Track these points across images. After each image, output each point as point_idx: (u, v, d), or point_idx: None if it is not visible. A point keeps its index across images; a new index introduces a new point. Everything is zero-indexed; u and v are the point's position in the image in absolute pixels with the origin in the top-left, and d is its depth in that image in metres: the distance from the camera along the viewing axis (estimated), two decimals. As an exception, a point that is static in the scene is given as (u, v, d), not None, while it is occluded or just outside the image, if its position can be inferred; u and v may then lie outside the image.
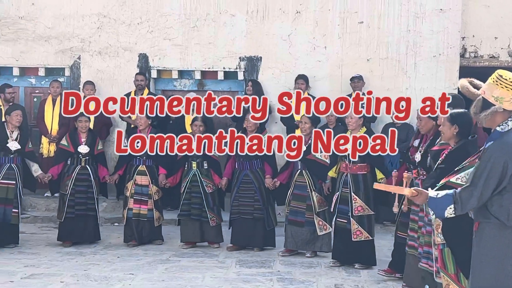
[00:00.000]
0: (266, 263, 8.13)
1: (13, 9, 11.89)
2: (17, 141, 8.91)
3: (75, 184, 9.08)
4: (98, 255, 8.54)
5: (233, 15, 11.66)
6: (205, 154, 8.82)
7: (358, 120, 7.90)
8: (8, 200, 8.80)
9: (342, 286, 7.14)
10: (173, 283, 7.13)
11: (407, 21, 11.36)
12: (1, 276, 7.33)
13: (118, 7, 11.78)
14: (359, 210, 7.69)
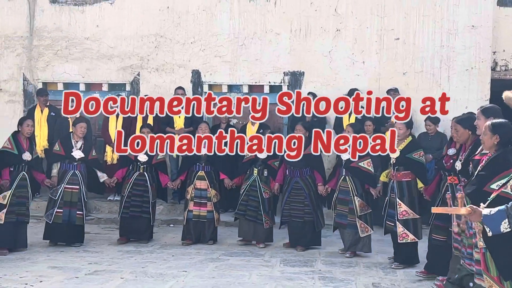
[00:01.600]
0: (308, 263, 8.03)
1: (79, 31, 12.09)
2: (81, 150, 9.03)
3: (132, 188, 9.18)
4: (154, 254, 8.55)
5: (278, 34, 11.64)
6: (266, 163, 8.86)
7: (406, 130, 7.89)
8: (73, 203, 8.89)
9: (380, 284, 7.01)
10: (222, 280, 7.09)
11: (440, 37, 11.21)
12: (67, 272, 7.38)
13: (174, 28, 11.88)
14: (403, 214, 7.59)
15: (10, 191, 8.35)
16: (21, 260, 8.03)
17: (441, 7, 11.20)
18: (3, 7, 12.22)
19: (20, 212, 8.53)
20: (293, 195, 8.77)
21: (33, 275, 7.23)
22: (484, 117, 5.85)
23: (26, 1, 12.17)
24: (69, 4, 12.10)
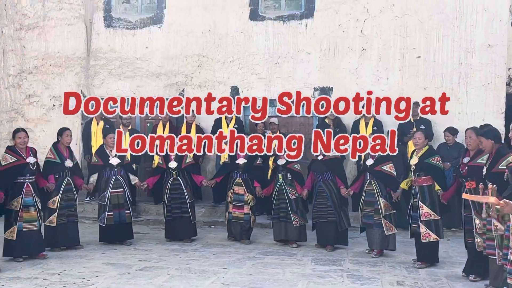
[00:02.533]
0: (337, 262, 7.99)
1: (131, 52, 12.23)
2: (117, 157, 9.14)
3: (170, 192, 9.32)
4: (197, 252, 8.59)
5: (308, 53, 11.63)
6: (288, 168, 8.86)
7: (424, 140, 7.89)
8: (120, 204, 9.03)
9: (403, 283, 6.94)
10: (259, 276, 7.10)
11: (459, 55, 11.09)
12: (120, 268, 7.48)
13: (215, 49, 11.95)
14: (426, 215, 7.60)
15: (58, 196, 8.49)
16: (79, 257, 8.15)
17: (459, 28, 11.09)
18: (64, 31, 12.43)
19: (70, 213, 8.70)
20: (318, 198, 8.80)
21: (90, 271, 7.35)
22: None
23: (83, 26, 12.37)
24: (121, 28, 12.27)
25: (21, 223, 7.81)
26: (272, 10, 11.96)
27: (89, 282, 6.78)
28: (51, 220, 8.43)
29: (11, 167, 7.81)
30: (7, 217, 7.85)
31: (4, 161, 7.86)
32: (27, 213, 7.86)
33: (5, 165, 7.82)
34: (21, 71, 12.58)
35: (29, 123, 12.48)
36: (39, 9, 12.49)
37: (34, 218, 7.94)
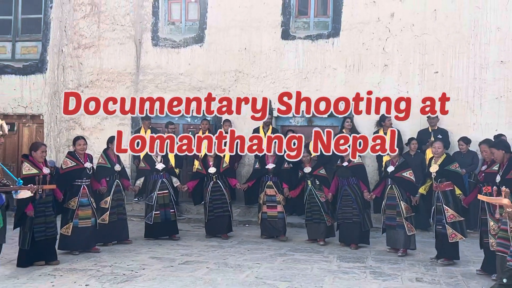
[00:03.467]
0: (361, 259, 7.91)
1: (175, 68, 12.32)
2: (162, 162, 9.25)
3: (211, 194, 9.40)
4: (233, 248, 8.60)
5: (335, 69, 11.58)
6: (314, 174, 8.83)
7: (443, 149, 7.87)
8: (166, 204, 9.16)
9: (422, 279, 6.85)
10: (289, 271, 7.07)
11: (474, 71, 10.92)
12: (164, 262, 7.55)
13: (250, 65, 11.98)
14: (451, 217, 7.56)
15: (109, 197, 8.63)
16: (128, 252, 8.25)
17: (474, 46, 10.92)
18: (116, 49, 12.62)
19: (119, 212, 8.85)
20: (343, 201, 8.75)
21: (137, 264, 7.43)
22: None
23: (134, 45, 12.55)
24: (167, 47, 12.40)
25: (76, 220, 7.94)
26: (302, 30, 11.97)
27: (137, 274, 6.85)
28: (103, 218, 8.57)
29: (71, 170, 7.98)
30: (64, 215, 8.00)
31: (65, 165, 8.04)
32: (82, 212, 8.00)
33: (66, 168, 8.00)
34: (78, 85, 12.80)
35: (85, 131, 12.68)
36: (94, 30, 12.72)
37: (89, 216, 8.07)
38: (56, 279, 6.62)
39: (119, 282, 6.46)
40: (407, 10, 11.21)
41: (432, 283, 6.65)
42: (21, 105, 13.09)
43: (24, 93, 13.09)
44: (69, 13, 12.86)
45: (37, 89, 13.00)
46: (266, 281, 6.55)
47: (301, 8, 12.10)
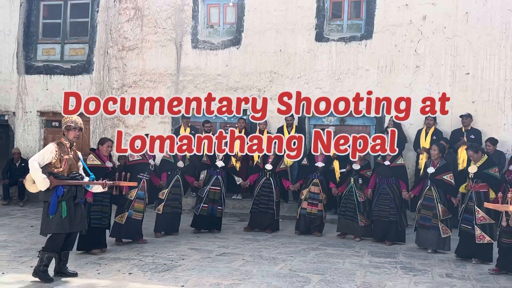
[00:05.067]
0: (392, 255, 7.82)
1: (213, 69, 12.36)
2: (222, 160, 9.32)
3: (261, 189, 9.38)
4: (268, 242, 8.61)
5: (367, 70, 11.47)
6: (359, 172, 8.73)
7: (477, 154, 7.52)
8: (215, 200, 9.20)
9: (452, 275, 6.74)
10: (321, 265, 7.05)
11: (504, 72, 10.68)
12: (202, 253, 7.62)
13: (284, 66, 11.97)
14: (481, 219, 7.32)
15: (167, 189, 8.77)
16: (168, 243, 8.35)
17: (505, 48, 10.67)
18: (158, 51, 12.77)
19: (174, 205, 8.94)
20: (381, 199, 8.61)
21: (177, 254, 7.51)
22: None
23: (174, 47, 12.68)
24: (206, 49, 12.48)
25: (131, 211, 8.08)
26: (335, 33, 11.89)
27: (177, 264, 6.93)
28: (158, 209, 8.76)
29: (137, 163, 8.17)
30: (121, 204, 8.10)
31: (131, 158, 8.22)
32: (138, 204, 8.15)
33: (132, 161, 8.18)
34: (122, 85, 13.03)
35: (128, 128, 12.90)
36: (138, 33, 12.91)
37: (141, 209, 8.21)
38: (101, 267, 6.75)
39: (160, 271, 6.55)
40: (439, 12, 11.01)
41: (461, 279, 6.53)
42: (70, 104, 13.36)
43: (72, 92, 13.38)
44: (114, 17, 13.08)
45: (84, 88, 13.25)
46: (299, 274, 6.54)
47: (334, 11, 12.02)
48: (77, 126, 6.19)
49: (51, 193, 5.98)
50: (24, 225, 9.75)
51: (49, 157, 6.01)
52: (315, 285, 6.05)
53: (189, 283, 6.05)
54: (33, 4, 13.86)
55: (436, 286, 6.19)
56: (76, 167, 6.25)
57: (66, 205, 6.03)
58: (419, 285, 6.20)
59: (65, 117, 6.35)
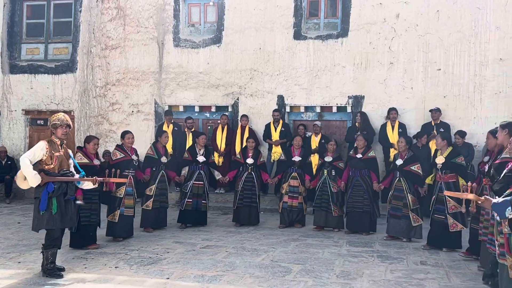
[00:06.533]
0: (369, 244, 7.91)
1: (195, 67, 12.35)
2: (203, 155, 9.27)
3: (244, 184, 9.34)
4: (250, 234, 8.63)
5: (343, 67, 11.53)
6: (333, 165, 8.79)
7: (442, 141, 7.60)
8: (199, 194, 9.15)
9: (426, 262, 6.84)
10: (302, 255, 7.09)
11: (474, 68, 10.83)
12: (186, 246, 7.60)
13: (264, 64, 11.97)
14: (453, 208, 7.39)
15: (154, 185, 8.72)
16: (153, 237, 8.32)
17: (475, 44, 10.82)
18: (140, 50, 12.67)
19: (162, 200, 8.91)
20: (355, 190, 8.66)
21: (162, 248, 7.49)
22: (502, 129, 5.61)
23: (156, 46, 12.59)
24: (187, 47, 12.43)
25: (123, 208, 8.02)
26: (312, 31, 11.93)
27: (162, 257, 6.92)
28: (147, 205, 8.70)
29: (121, 161, 8.05)
30: (111, 203, 8.01)
31: (114, 157, 8.12)
32: (128, 201, 8.08)
33: (115, 159, 8.07)
34: (106, 83, 12.91)
35: (112, 126, 12.81)
36: (120, 32, 12.80)
37: (132, 205, 8.16)
38: (88, 261, 6.71)
39: (145, 265, 6.54)
40: (412, 11, 11.12)
41: (435, 266, 6.64)
42: (53, 102, 13.24)
43: (56, 91, 13.23)
44: (97, 17, 12.94)
45: (68, 87, 13.13)
46: (280, 264, 6.58)
47: (312, 10, 12.05)
48: (64, 123, 6.12)
49: (41, 190, 5.92)
50: (11, 222, 9.64)
51: (40, 154, 5.96)
52: (296, 275, 6.09)
53: (174, 275, 6.05)
54: (17, 4, 13.65)
55: (411, 273, 6.27)
56: (67, 164, 6.20)
57: (57, 202, 5.97)
58: (395, 273, 6.27)
59: (52, 116, 6.28)
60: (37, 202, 5.99)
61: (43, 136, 12.46)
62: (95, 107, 12.98)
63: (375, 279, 5.97)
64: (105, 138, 12.66)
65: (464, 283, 5.89)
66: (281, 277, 6.01)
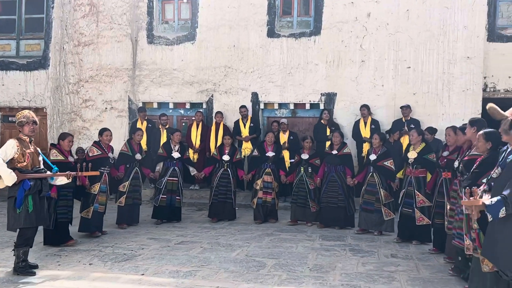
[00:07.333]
0: (341, 238, 7.99)
1: (169, 64, 12.26)
2: (178, 151, 9.22)
3: (219, 180, 9.32)
4: (224, 229, 8.63)
5: (316, 64, 11.61)
6: (308, 162, 8.85)
7: (418, 137, 7.71)
8: (173, 191, 9.09)
9: (396, 255, 6.94)
10: (276, 250, 7.12)
11: (443, 66, 11.01)
12: (161, 242, 7.56)
13: (238, 61, 11.97)
14: (421, 202, 7.49)
15: (128, 182, 8.66)
16: (128, 233, 8.25)
17: (443, 43, 11.01)
18: (114, 47, 12.53)
19: (135, 196, 8.85)
20: (330, 186, 8.73)
21: (137, 244, 7.43)
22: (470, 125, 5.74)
23: (130, 43, 12.46)
24: (161, 44, 12.34)
25: (96, 205, 7.92)
26: (286, 29, 11.97)
27: (137, 253, 6.87)
28: (120, 201, 8.63)
29: (97, 158, 7.93)
30: (85, 199, 7.91)
31: (91, 153, 8.00)
32: (101, 197, 7.98)
33: (92, 156, 7.95)
34: (79, 80, 12.73)
35: (85, 123, 12.64)
36: (93, 28, 12.62)
37: (104, 202, 8.06)
38: (62, 258, 6.61)
39: (120, 261, 6.48)
40: (382, 10, 11.26)
41: (405, 259, 6.75)
42: (25, 99, 12.99)
43: (28, 87, 12.99)
44: (69, 13, 12.73)
45: (40, 84, 12.90)
46: (255, 259, 6.61)
47: (285, 8, 12.09)
48: (30, 120, 5.99)
49: (17, 188, 5.80)
50: (-18, 220, 9.42)
51: (12, 152, 5.83)
52: (270, 269, 6.12)
53: (149, 271, 6.01)
54: (-14, -1, 13.33)
55: (382, 266, 6.37)
56: (38, 161, 6.09)
57: (32, 199, 5.87)
58: (366, 266, 6.36)
59: (17, 114, 6.14)
60: (11, 201, 5.86)
61: (15, 133, 12.23)
62: (68, 104, 12.78)
63: (347, 272, 6.05)
64: (78, 135, 12.48)
65: (433, 274, 6.01)
66: (255, 271, 6.03)
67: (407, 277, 5.86)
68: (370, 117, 10.79)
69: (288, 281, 5.64)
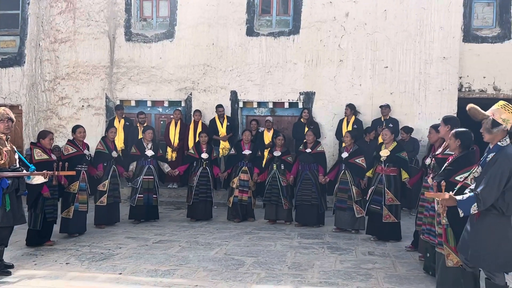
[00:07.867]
0: (319, 236, 8.05)
1: (147, 61, 12.20)
2: (151, 149, 9.14)
3: (199, 179, 9.24)
4: (203, 228, 8.61)
5: (295, 63, 11.65)
6: (282, 159, 8.87)
7: (391, 135, 7.81)
8: (150, 189, 9.01)
9: (373, 253, 7.02)
10: (254, 248, 7.15)
11: (419, 66, 11.15)
12: (139, 241, 7.51)
13: (217, 59, 11.94)
14: (390, 200, 7.58)
15: (107, 180, 8.56)
16: (105, 232, 8.18)
17: (420, 43, 11.14)
18: (91, 44, 12.38)
19: (115, 195, 8.76)
20: (303, 184, 8.75)
21: (114, 243, 7.37)
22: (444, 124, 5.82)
23: (108, 40, 12.33)
24: (139, 41, 12.23)
25: (77, 204, 7.82)
26: (265, 28, 11.98)
27: (114, 252, 6.81)
28: (102, 201, 8.52)
29: (73, 156, 7.81)
30: (65, 199, 7.80)
31: (66, 152, 7.88)
32: (82, 196, 7.89)
33: (67, 154, 7.82)
34: (55, 77, 12.54)
35: (62, 121, 12.46)
36: (70, 25, 12.45)
37: (85, 200, 7.96)
38: (38, 258, 6.52)
39: (97, 260, 6.41)
40: (360, 10, 11.35)
41: (382, 256, 6.84)
42: (0, 96, 12.74)
43: (3, 84, 12.75)
44: (45, 9, 12.53)
45: (16, 81, 12.68)
46: (234, 257, 6.61)
47: (264, 7, 12.11)
48: (4, 117, 5.87)
49: None
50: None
51: None
52: (249, 267, 6.13)
53: (127, 270, 5.97)
54: (-41, -6, 13.03)
55: (360, 263, 6.44)
56: (15, 159, 5.98)
57: (10, 198, 5.77)
58: (344, 263, 6.42)
59: None
60: None
61: (-12, 131, 12.01)
62: (43, 101, 12.59)
63: (326, 269, 6.09)
64: (54, 133, 12.21)
65: (409, 271, 6.10)
66: (234, 269, 6.03)
67: (384, 274, 5.93)
68: (354, 116, 10.86)
69: (267, 279, 5.65)
